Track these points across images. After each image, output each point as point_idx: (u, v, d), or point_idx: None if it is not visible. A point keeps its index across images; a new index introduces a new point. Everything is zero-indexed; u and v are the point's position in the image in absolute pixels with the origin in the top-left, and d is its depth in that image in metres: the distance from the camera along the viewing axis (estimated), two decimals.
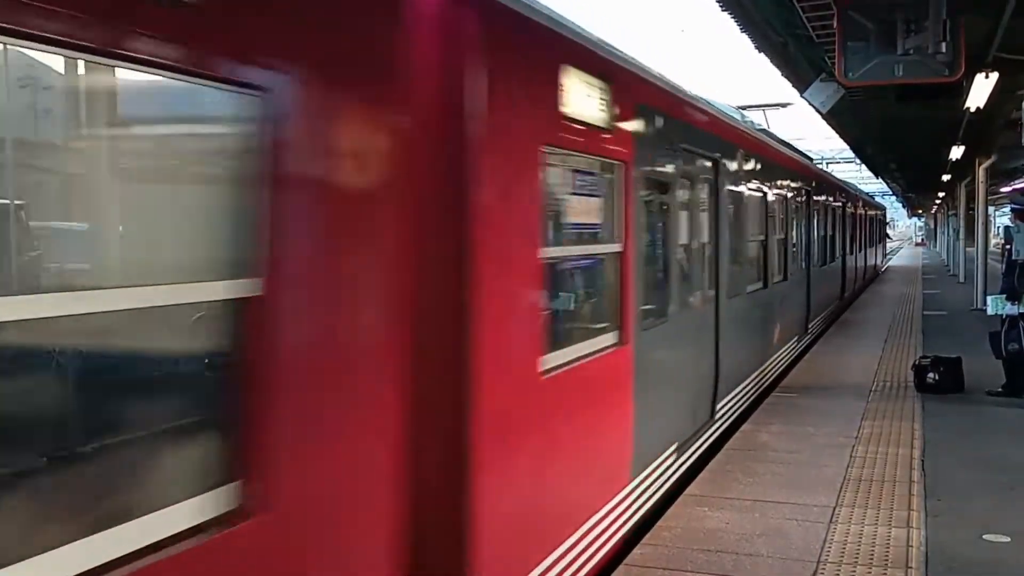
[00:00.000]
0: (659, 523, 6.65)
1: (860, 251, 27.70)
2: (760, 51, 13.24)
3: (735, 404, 10.04)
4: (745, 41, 13.11)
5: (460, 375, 4.03)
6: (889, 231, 69.47)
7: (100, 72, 2.64)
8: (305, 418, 3.18)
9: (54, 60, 2.50)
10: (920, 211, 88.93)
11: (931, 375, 11.63)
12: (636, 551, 6.10)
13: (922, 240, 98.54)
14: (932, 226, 79.69)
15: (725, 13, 11.42)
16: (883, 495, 7.29)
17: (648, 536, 6.40)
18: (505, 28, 4.53)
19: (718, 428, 9.16)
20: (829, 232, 19.28)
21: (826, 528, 6.54)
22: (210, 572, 2.79)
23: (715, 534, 6.44)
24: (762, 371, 11.83)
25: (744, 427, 9.68)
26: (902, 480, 7.71)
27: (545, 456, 4.91)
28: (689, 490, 7.43)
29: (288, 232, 3.07)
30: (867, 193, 35.41)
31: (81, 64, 2.57)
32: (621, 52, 6.26)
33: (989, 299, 12.11)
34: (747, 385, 10.77)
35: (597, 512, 5.69)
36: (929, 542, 6.27)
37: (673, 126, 7.33)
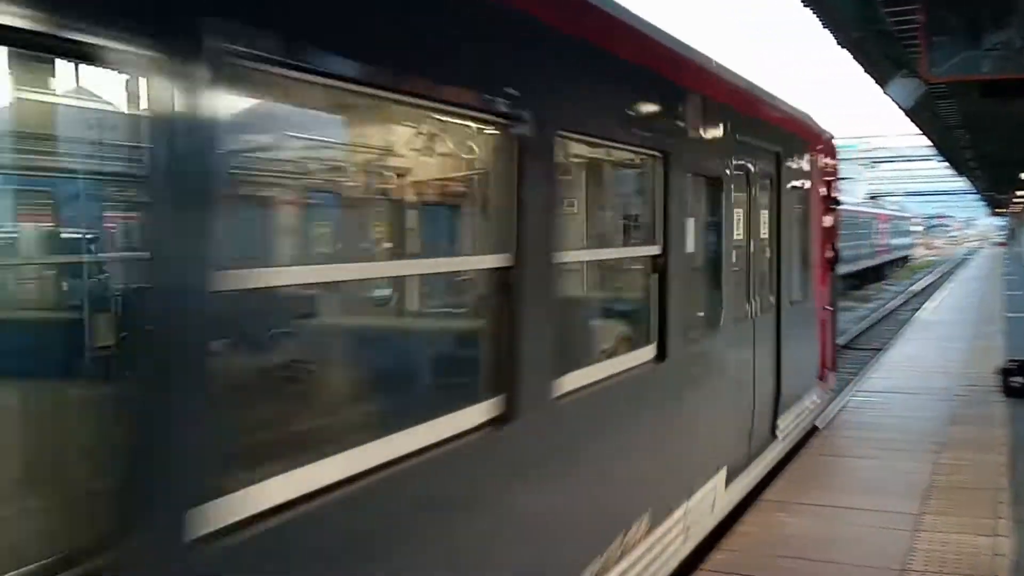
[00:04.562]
0: (736, 528, 6.56)
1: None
2: (842, 47, 13.07)
3: None
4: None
5: None
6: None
7: None
8: None
9: None
10: (1002, 210, 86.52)
11: (1017, 379, 11.32)
12: (715, 555, 6.03)
13: (1003, 241, 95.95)
14: (1014, 226, 77.48)
15: (807, 10, 11.25)
16: (969, 503, 7.09)
17: (725, 540, 6.32)
18: None
19: None
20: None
21: (909, 535, 6.38)
22: None
23: (794, 540, 6.34)
24: None
25: (823, 431, 9.52)
26: (989, 487, 7.49)
27: None
28: (766, 495, 7.32)
29: None
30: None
31: None
32: None
33: None
34: None
35: None
36: (1017, 551, 6.09)
37: None
